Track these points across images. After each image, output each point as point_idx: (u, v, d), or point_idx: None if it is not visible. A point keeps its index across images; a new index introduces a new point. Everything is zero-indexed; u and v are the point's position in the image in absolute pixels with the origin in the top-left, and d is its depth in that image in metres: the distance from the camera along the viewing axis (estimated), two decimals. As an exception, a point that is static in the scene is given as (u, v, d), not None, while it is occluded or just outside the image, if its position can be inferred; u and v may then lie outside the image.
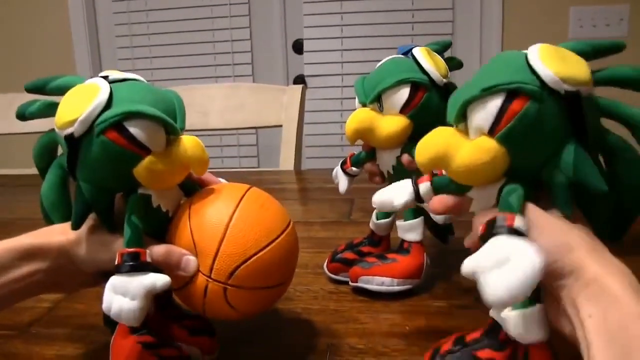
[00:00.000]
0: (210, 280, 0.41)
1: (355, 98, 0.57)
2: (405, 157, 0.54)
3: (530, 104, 0.33)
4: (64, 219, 0.45)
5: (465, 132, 0.37)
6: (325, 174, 0.64)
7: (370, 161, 0.60)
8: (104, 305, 0.39)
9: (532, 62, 0.34)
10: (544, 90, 0.33)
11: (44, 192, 0.46)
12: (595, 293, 0.30)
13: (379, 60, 0.57)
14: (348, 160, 0.62)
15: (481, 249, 0.32)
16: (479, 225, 0.35)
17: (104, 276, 0.40)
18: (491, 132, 0.34)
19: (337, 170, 0.64)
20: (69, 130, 0.39)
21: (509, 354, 0.37)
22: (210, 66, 2.23)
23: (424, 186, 0.43)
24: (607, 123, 0.38)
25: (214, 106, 1.37)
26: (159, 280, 0.39)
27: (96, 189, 0.40)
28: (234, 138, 2.24)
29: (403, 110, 0.52)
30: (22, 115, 0.45)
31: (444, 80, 0.52)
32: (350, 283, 0.59)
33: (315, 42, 2.16)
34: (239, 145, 2.27)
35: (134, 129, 0.39)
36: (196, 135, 0.43)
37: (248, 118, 1.36)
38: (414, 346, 0.47)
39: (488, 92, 0.34)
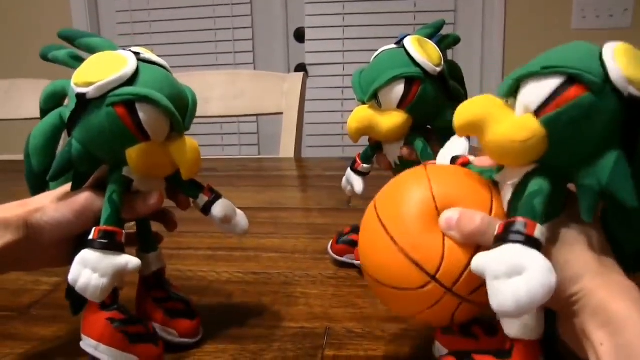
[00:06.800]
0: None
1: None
2: (405, 150, 0.55)
3: (587, 95, 0.30)
4: (41, 166, 0.44)
5: (513, 108, 0.35)
6: (325, 162, 0.63)
7: (378, 153, 0.59)
8: (70, 277, 0.38)
9: (604, 55, 0.31)
10: (606, 86, 0.30)
11: (33, 134, 0.44)
12: (604, 320, 0.30)
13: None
14: (357, 159, 0.60)
15: (495, 251, 0.31)
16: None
17: (73, 251, 0.40)
18: (537, 112, 0.32)
19: (348, 175, 0.61)
20: (83, 90, 0.39)
21: None
22: (211, 54, 2.22)
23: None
24: None
25: (214, 93, 1.37)
26: (131, 262, 0.40)
27: (85, 152, 0.41)
28: (235, 126, 2.24)
29: (400, 106, 0.53)
30: (45, 55, 0.45)
31: (438, 69, 0.52)
32: (356, 264, 0.60)
33: (317, 30, 2.15)
34: (240, 134, 2.26)
35: (142, 114, 0.39)
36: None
37: (248, 105, 1.35)
38: (412, 331, 0.47)
39: (548, 71, 0.32)
